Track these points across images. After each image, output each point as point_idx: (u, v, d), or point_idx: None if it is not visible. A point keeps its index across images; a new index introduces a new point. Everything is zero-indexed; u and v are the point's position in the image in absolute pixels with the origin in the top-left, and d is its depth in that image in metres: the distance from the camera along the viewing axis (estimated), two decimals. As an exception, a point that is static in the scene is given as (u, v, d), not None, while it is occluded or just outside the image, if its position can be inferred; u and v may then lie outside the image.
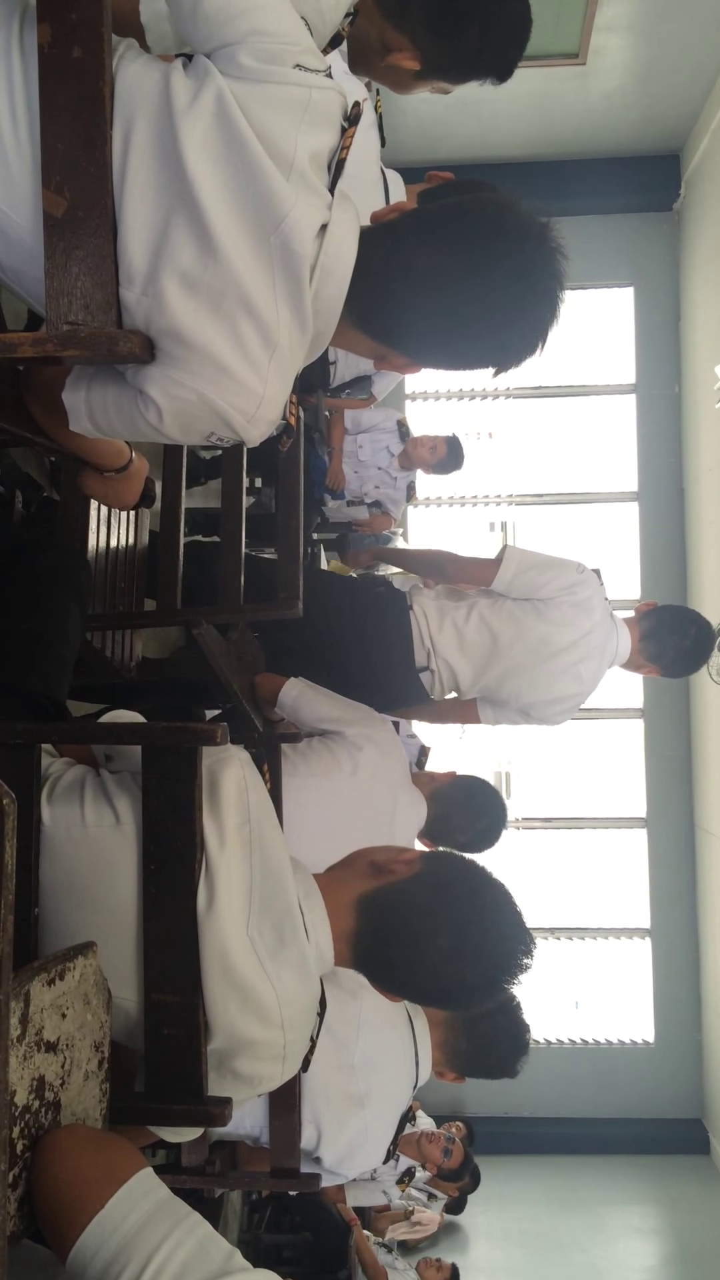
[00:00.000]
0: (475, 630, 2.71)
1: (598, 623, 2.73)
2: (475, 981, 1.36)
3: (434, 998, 1.49)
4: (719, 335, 5.63)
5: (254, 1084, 1.33)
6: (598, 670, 2.80)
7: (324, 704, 2.51)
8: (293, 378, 1.28)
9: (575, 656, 2.72)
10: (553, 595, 2.69)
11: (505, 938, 1.36)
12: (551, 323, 1.28)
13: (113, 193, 1.15)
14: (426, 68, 1.56)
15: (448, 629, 2.71)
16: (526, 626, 2.69)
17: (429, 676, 2.74)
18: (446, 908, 1.35)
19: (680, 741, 6.56)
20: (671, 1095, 6.60)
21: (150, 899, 1.25)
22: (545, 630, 2.68)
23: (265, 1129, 2.17)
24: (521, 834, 6.82)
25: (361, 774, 2.40)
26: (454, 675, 2.74)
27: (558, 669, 2.72)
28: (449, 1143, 5.28)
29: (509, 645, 2.69)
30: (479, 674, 2.74)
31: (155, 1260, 0.98)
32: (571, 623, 2.69)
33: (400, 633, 2.72)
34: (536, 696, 2.78)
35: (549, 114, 5.92)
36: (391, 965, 1.38)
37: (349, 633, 2.74)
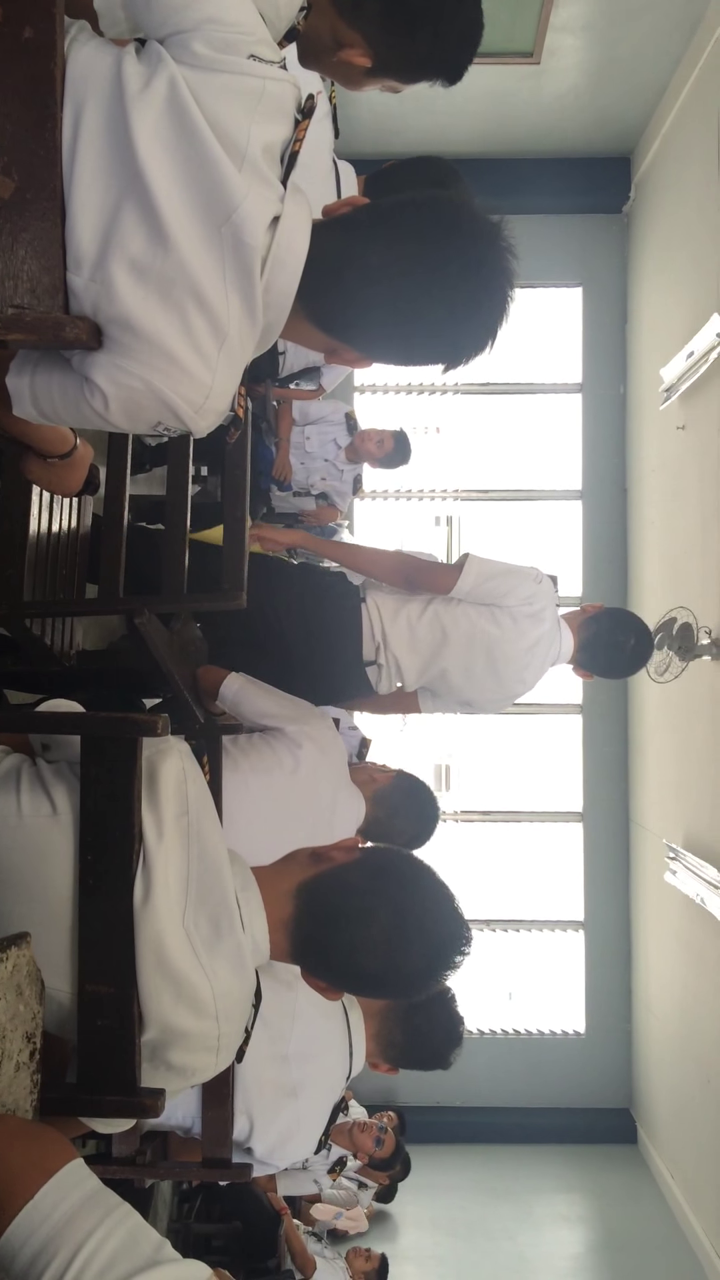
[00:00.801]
0: (428, 627, 2.73)
1: (547, 630, 2.77)
2: (415, 965, 1.37)
3: (373, 984, 1.49)
4: (665, 338, 5.71)
5: (187, 1075, 1.33)
6: (539, 673, 2.85)
7: (265, 700, 2.51)
8: (242, 369, 1.27)
9: (522, 663, 2.76)
10: (512, 605, 2.72)
11: (444, 921, 1.38)
12: (501, 321, 1.29)
13: (62, 176, 1.13)
14: (378, 66, 1.56)
15: (401, 624, 2.73)
16: (480, 630, 2.72)
17: (375, 671, 2.75)
18: (385, 890, 1.37)
19: (617, 737, 6.66)
20: (600, 1085, 6.71)
21: (86, 890, 1.25)
22: (498, 635, 2.72)
23: (197, 1120, 2.17)
24: (459, 826, 6.88)
25: (302, 772, 2.40)
26: (400, 670, 2.76)
27: (504, 673, 2.76)
28: (381, 1132, 5.32)
29: (459, 644, 2.72)
30: (425, 667, 2.76)
31: (84, 1250, 0.98)
32: (524, 632, 2.73)
33: (350, 627, 2.73)
34: (481, 695, 2.83)
35: (503, 112, 5.95)
36: (331, 950, 1.38)
37: (296, 624, 2.73)
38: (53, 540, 2.26)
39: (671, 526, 5.62)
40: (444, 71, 1.62)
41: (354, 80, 1.62)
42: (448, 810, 6.84)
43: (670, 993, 5.85)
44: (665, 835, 5.67)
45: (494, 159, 6.30)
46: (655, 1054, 6.23)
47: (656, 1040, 6.19)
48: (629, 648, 2.92)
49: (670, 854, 5.41)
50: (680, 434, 5.45)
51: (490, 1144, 6.52)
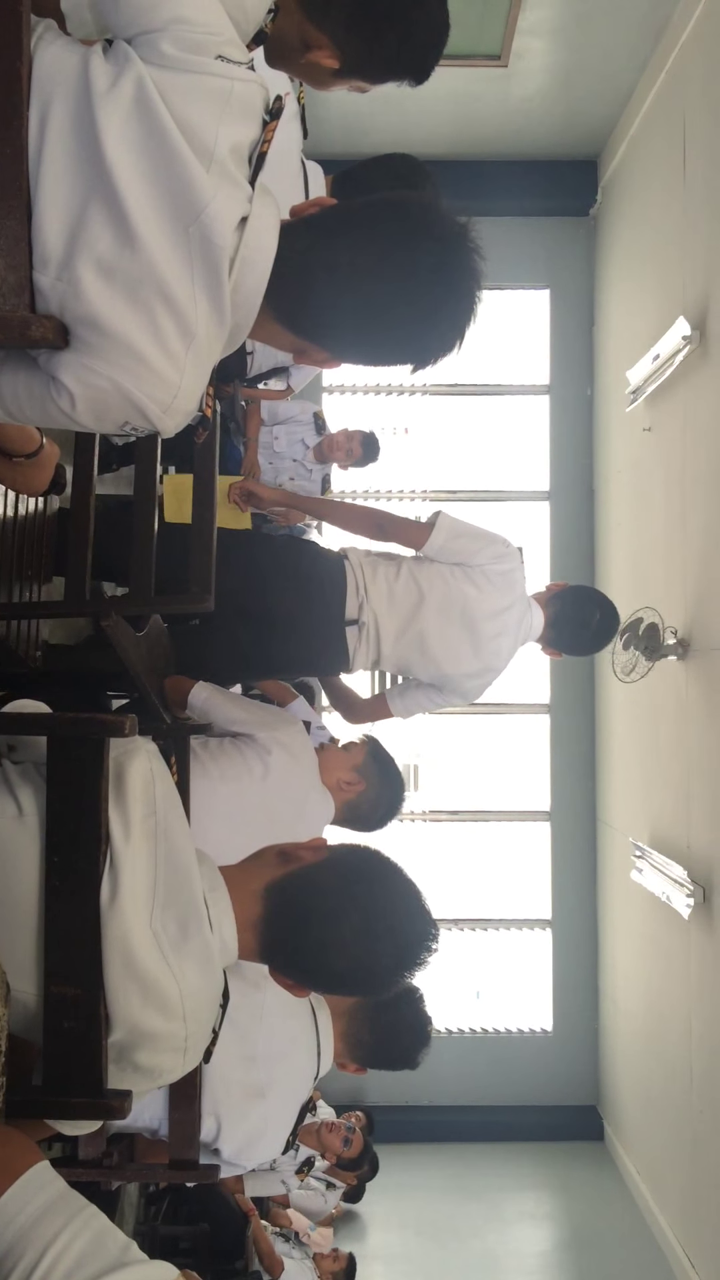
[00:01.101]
0: (404, 586, 2.74)
1: (518, 598, 2.79)
2: (384, 963, 1.37)
3: (342, 982, 1.50)
4: (631, 340, 5.75)
5: (154, 1076, 1.32)
6: (512, 647, 2.85)
7: (233, 707, 2.52)
8: (209, 369, 1.27)
9: (495, 628, 2.76)
10: (481, 563, 2.75)
11: (412, 919, 1.39)
12: (469, 321, 1.30)
13: (28, 175, 1.13)
14: (345, 67, 1.56)
15: (380, 581, 2.74)
16: (453, 588, 2.73)
17: (356, 633, 2.72)
18: (354, 888, 1.37)
19: (584, 737, 6.70)
20: (568, 1083, 6.75)
21: (52, 891, 1.24)
22: (471, 594, 2.73)
23: (164, 1121, 2.16)
24: (427, 826, 6.89)
25: (271, 778, 2.40)
26: (378, 633, 2.73)
27: (480, 635, 2.75)
28: (349, 1132, 5.32)
29: (434, 603, 2.72)
30: (401, 631, 2.74)
31: (51, 1252, 0.97)
32: (496, 591, 2.74)
33: (337, 579, 2.73)
34: (456, 665, 2.79)
35: (470, 114, 5.97)
36: (301, 949, 1.38)
37: (287, 579, 2.73)
38: (18, 541, 2.25)
39: (638, 527, 5.67)
40: (411, 72, 1.63)
41: (322, 81, 1.63)
42: (417, 810, 6.86)
43: (636, 990, 5.90)
44: (631, 834, 5.72)
45: (462, 161, 6.32)
46: (622, 1051, 6.28)
47: (623, 1037, 6.23)
48: (594, 623, 2.95)
49: (636, 852, 5.45)
50: (646, 436, 5.49)
51: (458, 1143, 6.54)
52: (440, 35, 1.62)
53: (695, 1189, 4.86)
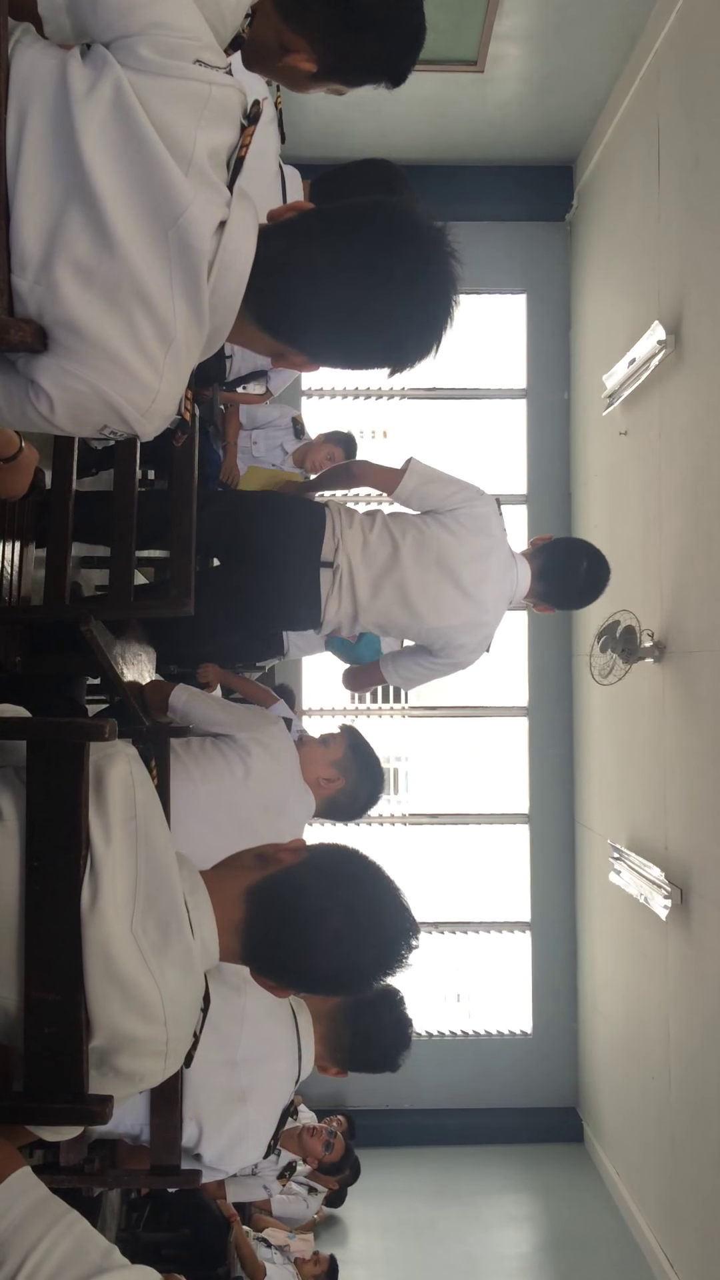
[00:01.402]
0: (378, 536, 2.71)
1: (497, 544, 2.75)
2: (368, 961, 1.38)
3: (325, 982, 1.50)
4: (607, 344, 5.78)
5: (135, 1081, 1.32)
6: (498, 599, 2.79)
7: (213, 708, 2.52)
8: (189, 373, 1.27)
9: (476, 573, 2.71)
10: (454, 508, 2.72)
11: (393, 917, 1.39)
12: (446, 325, 1.31)
13: (6, 179, 1.13)
14: (323, 70, 1.57)
15: (356, 529, 2.72)
16: (428, 536, 2.70)
17: (330, 577, 2.68)
18: (335, 889, 1.38)
19: (562, 740, 6.73)
20: (547, 1085, 6.76)
21: (33, 896, 1.24)
22: (447, 539, 2.69)
23: (146, 1126, 2.16)
24: (408, 829, 6.90)
25: (253, 779, 2.41)
26: (352, 580, 2.69)
27: (460, 585, 2.70)
28: (330, 1136, 5.32)
29: (409, 553, 2.69)
30: (377, 581, 2.70)
31: (32, 1258, 0.97)
32: (471, 536, 2.71)
33: (316, 521, 2.71)
34: (440, 620, 2.73)
35: (447, 119, 5.99)
36: (283, 951, 1.39)
37: (271, 521, 2.72)
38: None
39: (614, 530, 5.70)
40: (388, 74, 1.64)
41: (299, 84, 1.63)
42: (396, 813, 6.87)
43: (615, 992, 5.92)
44: (609, 836, 5.74)
45: (438, 165, 6.34)
46: (601, 1053, 6.30)
47: (602, 1039, 6.25)
48: (582, 571, 2.92)
49: (614, 854, 5.48)
50: (622, 439, 5.52)
51: (439, 1146, 6.55)
52: (417, 37, 1.63)
53: (674, 1190, 4.89)
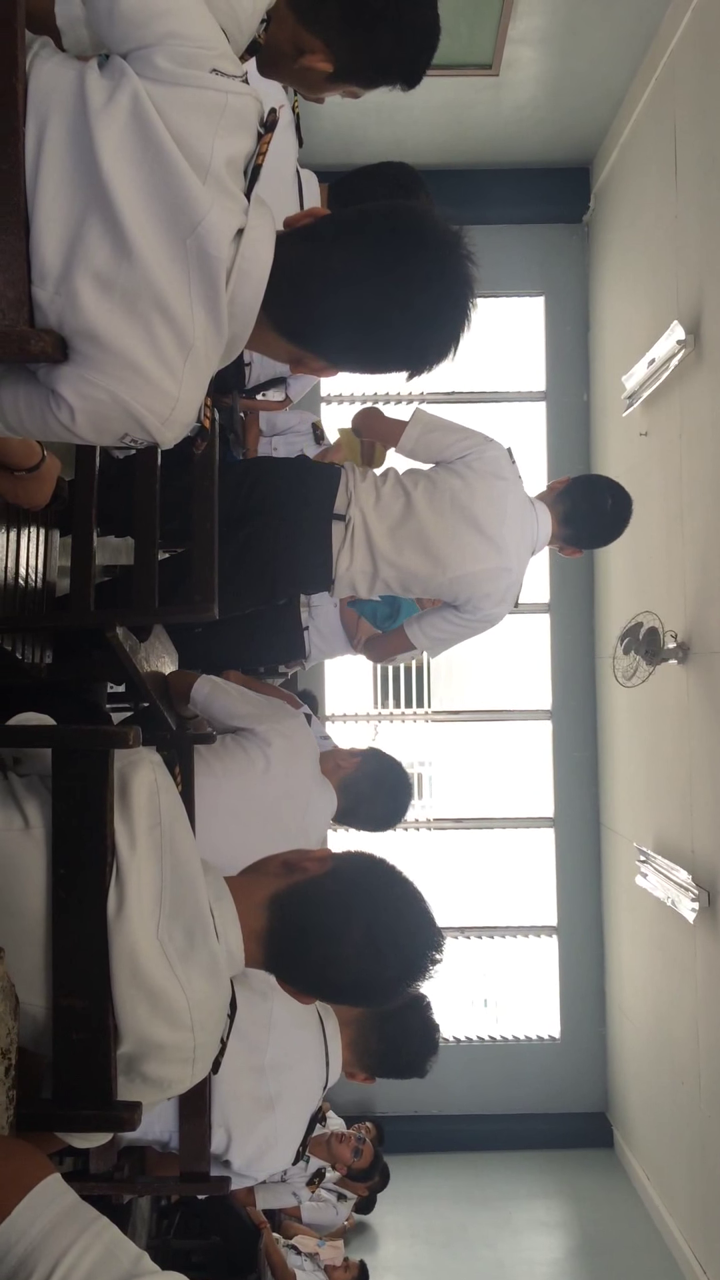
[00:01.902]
0: (391, 490, 2.66)
1: (511, 486, 2.70)
2: (390, 974, 1.38)
3: (347, 993, 1.50)
4: (626, 345, 5.76)
5: (163, 1087, 1.32)
6: (520, 544, 2.73)
7: (235, 701, 2.52)
8: (208, 380, 1.28)
9: (494, 514, 2.65)
10: (462, 454, 2.68)
11: (417, 930, 1.39)
12: (464, 327, 1.32)
13: (25, 190, 1.14)
14: (339, 71, 1.58)
15: (367, 485, 2.67)
16: (440, 483, 2.66)
17: (341, 530, 2.61)
18: (359, 901, 1.38)
19: (587, 743, 6.70)
20: (576, 1090, 6.72)
21: (59, 904, 1.24)
22: (458, 484, 2.64)
23: (174, 1133, 2.16)
24: (433, 834, 6.89)
25: (274, 770, 2.41)
26: (367, 533, 2.61)
27: (480, 528, 2.64)
28: (359, 1143, 5.31)
29: (424, 502, 2.63)
30: (393, 530, 2.62)
31: (62, 1265, 0.97)
32: (482, 479, 2.66)
33: (331, 477, 2.68)
34: (461, 568, 2.64)
35: (462, 123, 5.99)
36: (305, 961, 1.39)
37: (289, 477, 2.69)
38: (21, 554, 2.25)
39: (636, 532, 5.63)
40: (403, 75, 1.65)
41: (315, 86, 1.64)
42: (421, 818, 6.85)
43: (643, 996, 5.89)
44: (635, 839, 5.71)
45: (455, 169, 6.34)
46: (630, 1057, 6.26)
47: (631, 1044, 6.22)
48: (608, 507, 2.87)
49: (641, 857, 5.45)
50: (643, 440, 5.50)
51: (468, 1151, 6.52)
52: (432, 37, 1.64)
53: (706, 1194, 4.85)
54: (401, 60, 1.63)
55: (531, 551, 2.81)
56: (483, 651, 7.00)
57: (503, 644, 6.86)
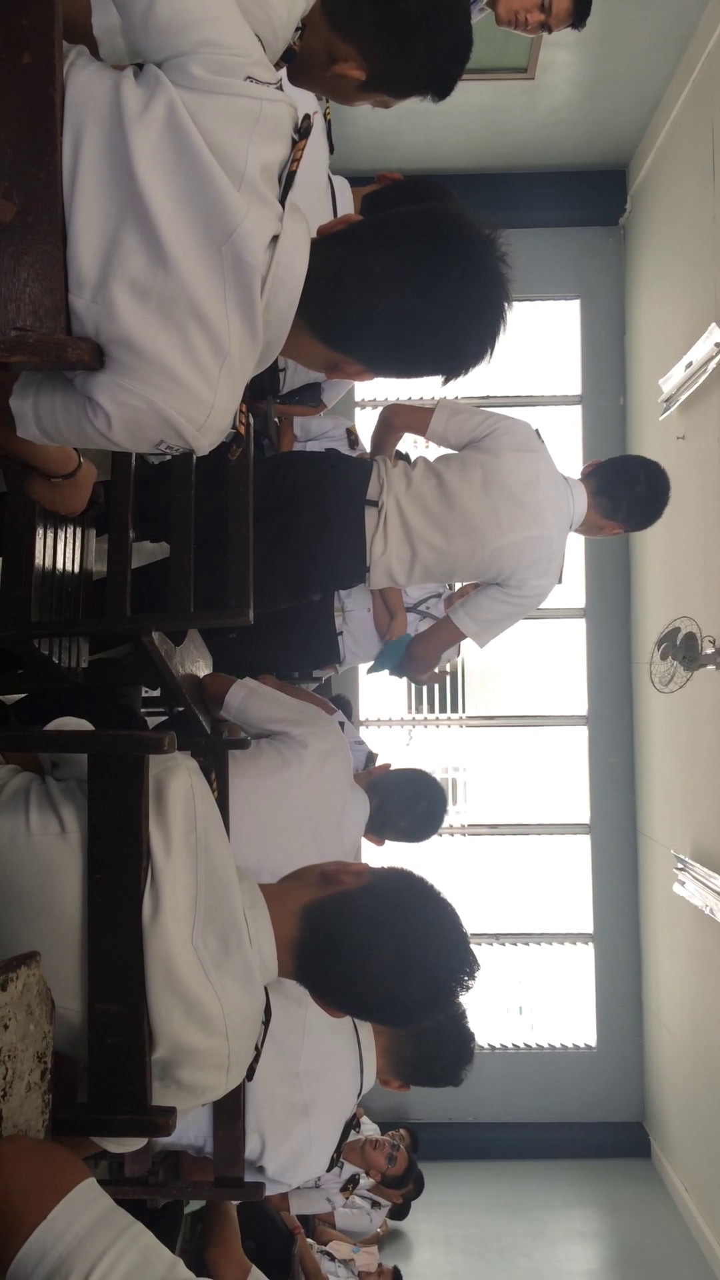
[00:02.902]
0: (422, 474, 2.66)
1: (541, 457, 2.69)
2: (415, 997, 1.36)
3: (372, 1012, 1.50)
4: (663, 348, 5.72)
5: (198, 1093, 1.32)
6: (558, 514, 2.71)
7: (271, 705, 2.52)
8: (243, 387, 1.28)
9: (525, 481, 2.63)
10: (487, 432, 2.68)
11: (447, 955, 1.37)
12: (500, 329, 1.31)
13: (62, 199, 1.15)
14: (371, 79, 1.58)
15: (398, 471, 2.68)
16: (470, 461, 2.65)
17: (374, 515, 2.60)
18: (390, 921, 1.36)
19: (623, 749, 6.65)
20: (613, 1099, 6.67)
21: (95, 908, 1.25)
22: (488, 460, 2.63)
23: (209, 1139, 2.16)
24: (467, 840, 6.86)
25: (310, 774, 2.41)
26: (402, 516, 2.60)
27: (513, 497, 2.62)
28: (393, 1149, 5.29)
29: (456, 480, 2.62)
30: (430, 513, 2.61)
31: (98, 1270, 0.97)
32: (511, 450, 2.65)
33: (364, 467, 2.69)
34: (501, 537, 2.61)
35: (498, 127, 5.98)
36: (331, 976, 1.38)
37: (324, 470, 2.71)
38: (58, 560, 2.27)
39: (674, 536, 5.63)
40: (435, 85, 1.65)
41: (347, 94, 1.64)
42: (456, 824, 6.83)
43: (681, 1004, 5.83)
44: (673, 846, 5.66)
45: (490, 174, 6.33)
46: (667, 1066, 6.20)
47: (668, 1053, 6.15)
48: (641, 483, 2.84)
49: (678, 865, 5.39)
50: (680, 444, 5.46)
51: (503, 1160, 6.48)
52: (465, 48, 1.64)
53: (746, 1206, 4.78)
54: (434, 70, 1.63)
55: (570, 525, 2.78)
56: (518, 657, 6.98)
57: (538, 649, 6.84)
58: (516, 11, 2.79)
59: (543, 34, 3.00)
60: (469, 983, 1.38)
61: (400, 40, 1.55)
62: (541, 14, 2.90)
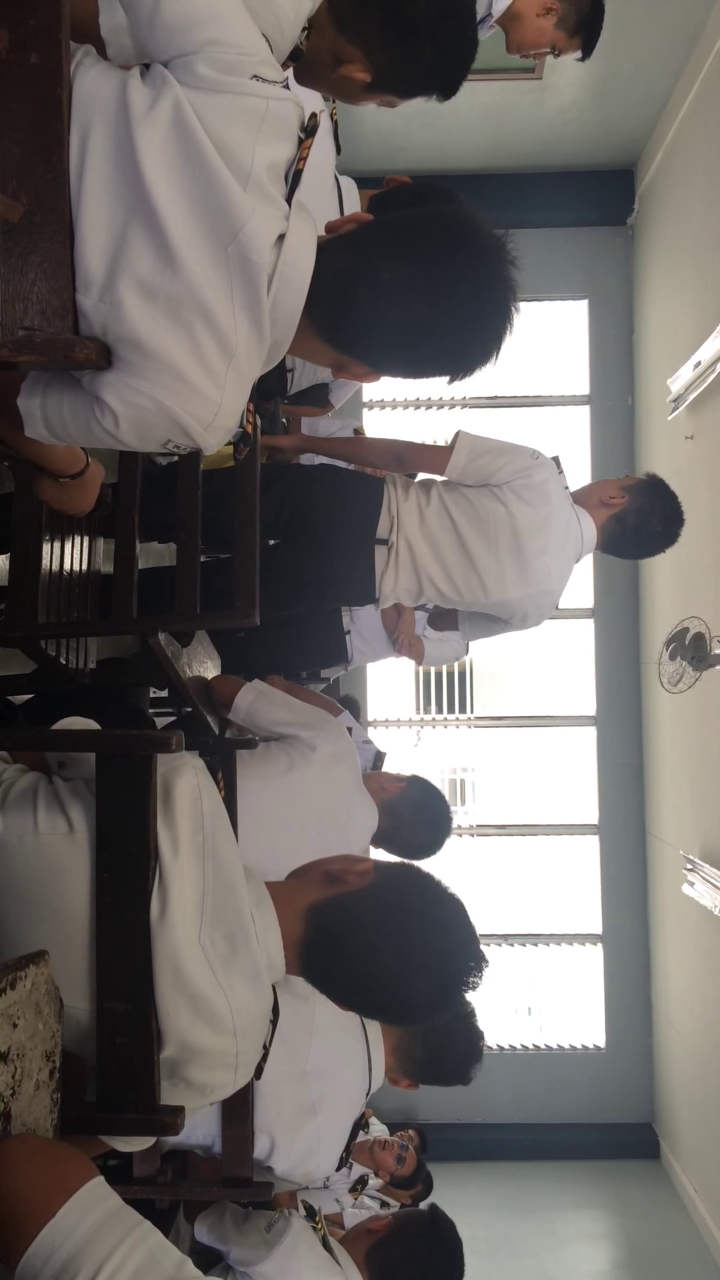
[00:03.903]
0: (436, 514, 2.64)
1: (556, 509, 2.66)
2: (420, 997, 1.36)
3: (378, 1011, 1.50)
4: (671, 348, 5.71)
5: (206, 1093, 1.33)
6: (563, 565, 2.73)
7: (280, 709, 2.52)
8: (250, 386, 1.28)
9: (538, 546, 2.64)
10: (507, 480, 2.63)
11: (452, 955, 1.37)
12: (507, 332, 1.31)
13: (69, 199, 1.15)
14: (377, 80, 1.58)
15: (412, 503, 2.65)
16: (485, 510, 2.63)
17: (384, 554, 2.62)
18: (394, 921, 1.36)
19: (632, 749, 6.63)
20: (622, 1100, 6.66)
21: (103, 907, 1.25)
22: (501, 513, 2.62)
23: (217, 1138, 2.16)
24: (476, 841, 6.86)
25: (318, 775, 2.41)
26: (412, 555, 2.63)
27: (521, 557, 2.64)
28: (402, 1150, 5.28)
29: (468, 528, 2.62)
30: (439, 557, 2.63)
31: (106, 1269, 0.97)
32: (527, 505, 2.62)
33: (374, 494, 2.66)
34: (504, 595, 2.68)
35: (506, 127, 5.98)
36: (337, 975, 1.38)
37: (330, 493, 2.68)
38: (65, 560, 2.27)
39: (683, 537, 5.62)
40: (441, 86, 1.65)
41: (352, 95, 1.64)
42: (464, 825, 6.82)
43: (690, 1005, 5.81)
44: (682, 846, 5.64)
45: (498, 174, 6.33)
46: (677, 1067, 6.18)
47: (678, 1053, 6.14)
48: (656, 531, 2.84)
49: (687, 865, 5.38)
50: (689, 444, 5.44)
51: (512, 1160, 6.47)
52: (470, 49, 1.64)
53: (755, 1208, 4.77)
54: (439, 71, 1.63)
55: (576, 560, 2.80)
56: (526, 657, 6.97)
57: (546, 649, 6.83)
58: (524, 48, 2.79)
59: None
60: (476, 981, 1.37)
61: (406, 43, 1.55)
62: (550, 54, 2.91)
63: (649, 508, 2.85)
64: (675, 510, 2.87)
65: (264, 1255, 2.15)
